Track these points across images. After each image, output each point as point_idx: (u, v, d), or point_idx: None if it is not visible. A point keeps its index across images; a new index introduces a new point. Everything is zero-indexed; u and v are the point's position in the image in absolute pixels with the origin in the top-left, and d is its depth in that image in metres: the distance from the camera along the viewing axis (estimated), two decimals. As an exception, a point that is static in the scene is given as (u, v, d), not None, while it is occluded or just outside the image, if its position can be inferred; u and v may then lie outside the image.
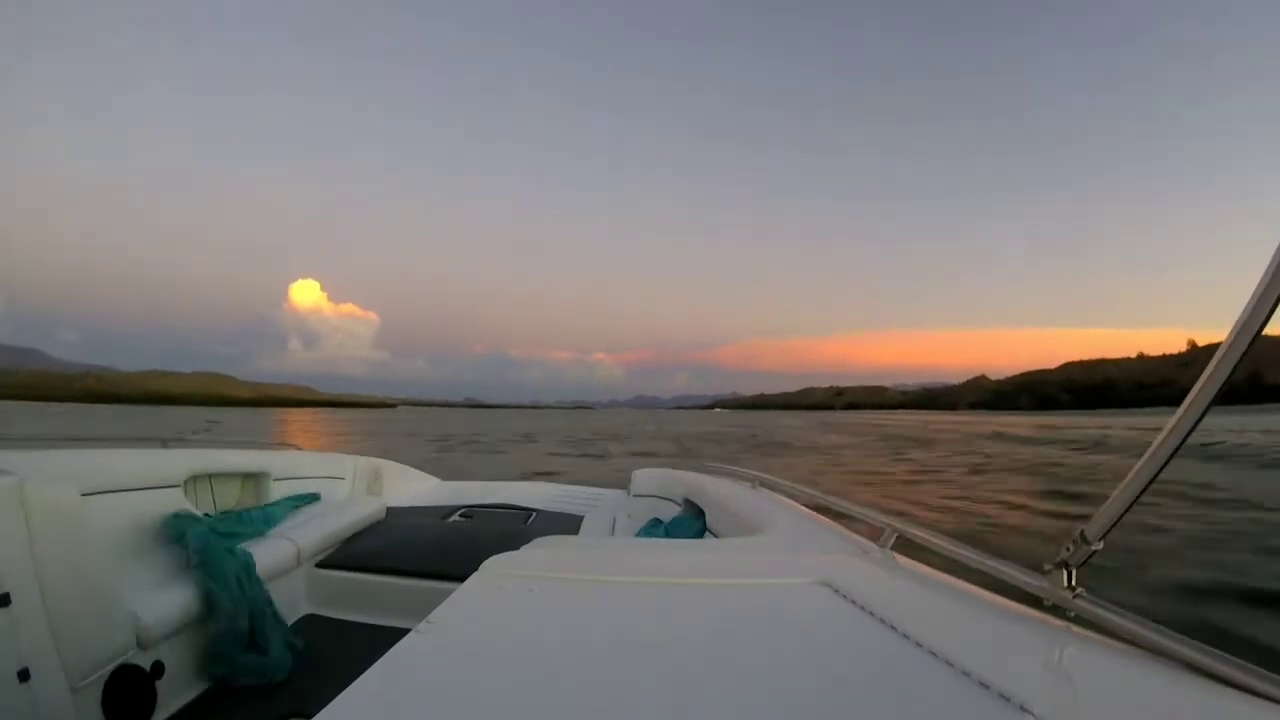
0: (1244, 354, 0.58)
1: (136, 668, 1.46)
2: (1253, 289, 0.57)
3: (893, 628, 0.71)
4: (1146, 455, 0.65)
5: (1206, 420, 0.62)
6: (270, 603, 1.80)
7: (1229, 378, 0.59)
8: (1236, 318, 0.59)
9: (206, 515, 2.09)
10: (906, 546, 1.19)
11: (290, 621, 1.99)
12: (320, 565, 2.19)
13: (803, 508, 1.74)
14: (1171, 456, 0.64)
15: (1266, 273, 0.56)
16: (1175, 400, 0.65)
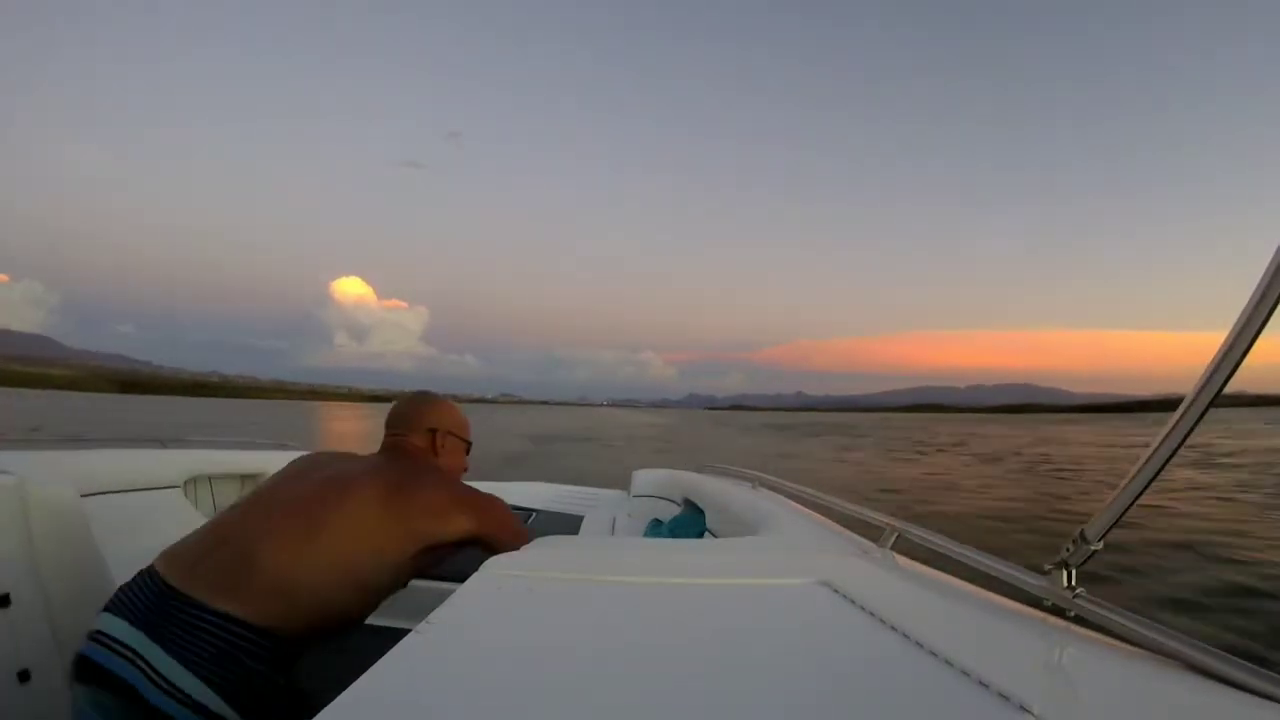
0: (1244, 354, 0.58)
1: None
2: (1252, 289, 0.57)
3: (893, 628, 0.71)
4: (1146, 455, 0.65)
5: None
6: None
7: (1229, 378, 0.59)
8: (1236, 318, 0.59)
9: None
10: (906, 546, 1.18)
11: None
12: None
13: (803, 508, 1.74)
14: (1171, 456, 0.64)
15: (1266, 273, 0.56)
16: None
